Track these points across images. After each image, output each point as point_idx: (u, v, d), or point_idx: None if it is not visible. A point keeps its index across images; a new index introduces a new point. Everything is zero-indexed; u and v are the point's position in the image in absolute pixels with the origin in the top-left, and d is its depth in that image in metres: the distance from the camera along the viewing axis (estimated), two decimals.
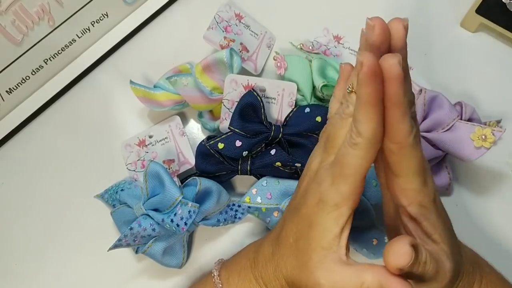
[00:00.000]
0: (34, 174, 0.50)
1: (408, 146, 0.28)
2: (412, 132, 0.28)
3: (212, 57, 0.45)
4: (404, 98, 0.26)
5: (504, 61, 0.52)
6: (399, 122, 0.27)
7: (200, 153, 0.45)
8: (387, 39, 0.27)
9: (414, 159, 0.28)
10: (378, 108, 0.27)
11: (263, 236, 0.46)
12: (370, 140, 0.27)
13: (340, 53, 0.52)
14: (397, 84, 0.26)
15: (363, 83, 0.26)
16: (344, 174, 0.29)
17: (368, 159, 0.28)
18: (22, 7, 0.45)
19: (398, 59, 0.25)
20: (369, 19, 0.27)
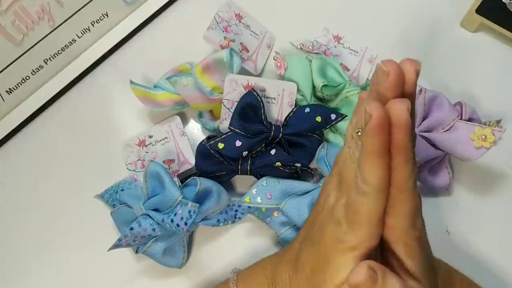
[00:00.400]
0: (34, 174, 0.50)
1: (406, 191, 0.28)
2: (412, 178, 0.27)
3: (212, 57, 0.45)
4: (409, 144, 0.26)
5: (504, 61, 0.52)
6: (402, 167, 0.27)
7: (200, 153, 0.45)
8: (400, 86, 0.26)
9: (409, 203, 0.28)
10: (384, 158, 0.26)
11: (263, 235, 0.46)
12: (377, 188, 0.27)
13: (340, 53, 0.52)
14: (404, 131, 0.25)
15: (370, 134, 0.25)
16: (358, 221, 0.29)
17: (379, 205, 0.28)
18: (22, 7, 0.45)
19: (407, 105, 0.25)
20: (382, 64, 0.26)
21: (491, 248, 0.46)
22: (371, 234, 0.29)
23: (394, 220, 0.29)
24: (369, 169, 0.27)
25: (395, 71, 0.25)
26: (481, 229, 0.46)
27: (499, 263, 0.45)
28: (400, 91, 0.26)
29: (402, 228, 0.29)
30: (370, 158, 0.26)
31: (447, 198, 0.47)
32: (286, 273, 0.35)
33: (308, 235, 0.35)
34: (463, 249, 0.46)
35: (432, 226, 0.46)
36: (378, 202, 0.28)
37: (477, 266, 0.45)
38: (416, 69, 0.26)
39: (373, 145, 0.26)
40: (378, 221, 0.29)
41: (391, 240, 0.30)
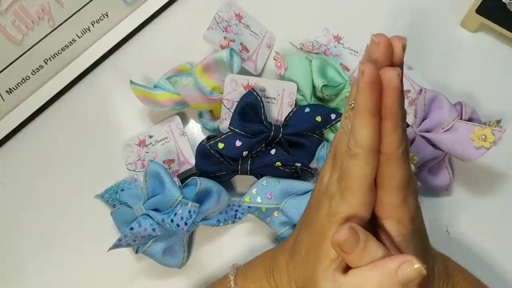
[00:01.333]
0: (34, 174, 0.50)
1: (395, 159, 0.29)
2: (401, 146, 0.28)
3: (212, 57, 0.45)
4: (399, 110, 0.27)
5: (504, 61, 0.52)
6: (390, 133, 0.28)
7: (200, 153, 0.45)
8: (389, 55, 0.28)
9: (399, 173, 0.29)
10: (374, 117, 0.27)
11: (263, 235, 0.46)
12: (368, 148, 0.28)
13: (340, 53, 0.52)
14: (395, 95, 0.27)
15: (362, 91, 0.27)
16: (350, 186, 0.29)
17: (370, 168, 0.29)
18: (22, 7, 0.45)
19: (398, 72, 0.27)
20: (374, 35, 0.28)
21: (491, 248, 0.46)
22: (363, 202, 0.29)
23: (385, 193, 0.30)
24: (360, 128, 0.28)
25: (384, 41, 0.28)
26: (481, 229, 0.46)
27: (499, 263, 0.45)
28: (389, 60, 0.28)
29: (393, 205, 0.30)
30: (362, 116, 0.27)
31: (447, 198, 0.47)
32: (283, 261, 0.35)
33: (304, 220, 0.35)
34: (463, 249, 0.46)
35: (432, 226, 0.47)
36: (368, 164, 0.28)
37: (477, 266, 0.45)
38: (402, 43, 0.29)
39: (365, 101, 0.27)
40: (369, 187, 0.29)
41: (383, 216, 0.30)
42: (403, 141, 0.29)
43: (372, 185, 0.29)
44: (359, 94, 0.27)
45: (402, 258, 0.27)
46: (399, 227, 0.30)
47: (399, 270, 0.27)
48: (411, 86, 0.50)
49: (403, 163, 0.29)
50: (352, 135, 0.28)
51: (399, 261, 0.27)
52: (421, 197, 0.47)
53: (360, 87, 0.27)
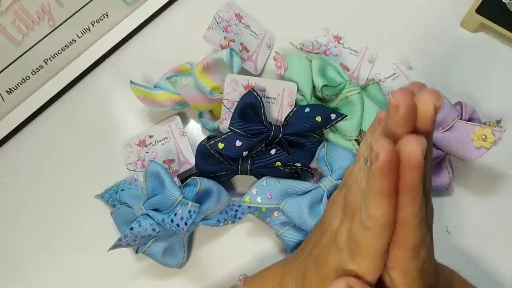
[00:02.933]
0: (34, 174, 0.50)
1: (410, 228, 0.26)
2: (418, 216, 0.26)
3: (212, 57, 0.45)
4: (419, 185, 0.24)
5: (504, 61, 0.52)
6: (408, 206, 0.25)
7: (200, 153, 0.45)
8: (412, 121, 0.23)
9: (413, 239, 0.27)
10: (390, 198, 0.25)
11: (263, 235, 0.46)
12: (381, 225, 0.26)
13: (340, 53, 0.52)
14: (416, 172, 0.23)
15: (377, 175, 0.24)
16: (360, 253, 0.28)
17: (382, 241, 0.27)
18: (22, 7, 0.45)
19: (423, 146, 0.22)
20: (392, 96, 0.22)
21: (491, 248, 0.46)
22: (374, 267, 0.28)
23: (396, 252, 0.28)
24: (374, 208, 0.25)
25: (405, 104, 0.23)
26: (481, 229, 0.46)
27: (499, 263, 0.45)
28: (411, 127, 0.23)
29: (403, 258, 0.28)
30: (376, 198, 0.25)
31: (447, 198, 0.47)
32: (292, 285, 0.35)
33: (312, 253, 0.34)
34: (463, 249, 0.46)
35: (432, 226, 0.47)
36: (382, 239, 0.27)
37: (477, 266, 0.45)
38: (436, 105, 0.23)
39: (379, 185, 0.24)
40: (381, 256, 0.28)
41: (390, 266, 0.29)
42: (421, 210, 0.26)
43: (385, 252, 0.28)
44: (373, 177, 0.24)
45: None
46: (406, 279, 0.29)
47: None
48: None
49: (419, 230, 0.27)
50: (365, 208, 0.26)
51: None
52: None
53: (374, 169, 0.23)
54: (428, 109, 0.23)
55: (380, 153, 0.22)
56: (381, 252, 0.27)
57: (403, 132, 0.23)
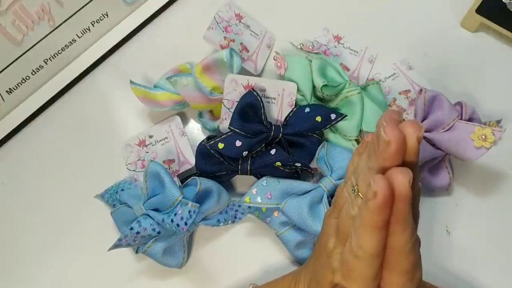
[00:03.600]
0: (34, 174, 0.50)
1: (402, 254, 0.27)
2: (409, 243, 0.27)
3: (212, 57, 0.45)
4: (408, 215, 0.25)
5: (504, 61, 0.52)
6: (398, 234, 0.26)
7: (200, 153, 0.45)
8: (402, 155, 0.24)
9: (405, 263, 0.28)
10: (382, 231, 0.26)
11: (263, 235, 0.46)
12: (372, 255, 0.27)
13: (340, 53, 0.52)
14: (404, 203, 0.24)
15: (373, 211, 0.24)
16: (352, 277, 0.29)
17: (372, 269, 0.28)
18: (22, 7, 0.45)
19: (409, 177, 0.24)
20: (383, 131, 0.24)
21: (491, 248, 0.46)
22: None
23: (391, 275, 0.28)
24: (364, 239, 0.26)
25: (396, 140, 0.24)
26: (481, 229, 0.46)
27: (499, 263, 0.45)
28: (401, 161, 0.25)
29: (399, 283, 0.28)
30: (368, 231, 0.26)
31: (447, 198, 0.47)
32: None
33: (314, 270, 0.35)
34: (463, 249, 0.46)
35: (432, 226, 0.47)
36: (373, 267, 0.27)
37: (477, 266, 0.45)
38: (418, 136, 0.24)
39: (373, 221, 0.25)
40: (373, 280, 0.28)
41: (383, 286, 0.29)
42: (412, 237, 0.27)
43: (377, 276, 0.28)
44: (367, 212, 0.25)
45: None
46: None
47: None
48: (411, 86, 0.50)
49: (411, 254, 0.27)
50: (356, 238, 0.27)
51: None
52: (421, 197, 0.47)
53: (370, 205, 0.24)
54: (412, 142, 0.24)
55: (378, 191, 0.23)
56: (372, 277, 0.28)
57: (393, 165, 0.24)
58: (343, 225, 0.30)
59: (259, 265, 0.46)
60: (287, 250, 0.45)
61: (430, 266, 0.44)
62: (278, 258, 0.46)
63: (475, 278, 0.45)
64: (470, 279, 0.45)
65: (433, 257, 0.46)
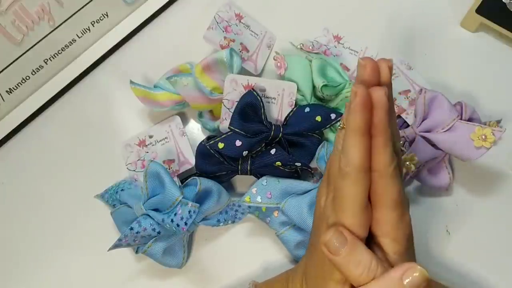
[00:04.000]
0: (34, 174, 0.50)
1: (387, 175, 0.29)
2: (392, 163, 0.29)
3: (212, 57, 0.45)
4: (387, 127, 0.28)
5: (504, 61, 0.52)
6: (381, 150, 0.29)
7: (200, 153, 0.45)
8: (377, 76, 0.30)
9: (392, 190, 0.30)
10: (364, 136, 0.28)
11: (263, 235, 0.47)
12: (359, 167, 0.29)
13: (340, 53, 0.52)
14: (382, 112, 0.28)
15: (354, 111, 0.28)
16: (343, 207, 0.30)
17: (362, 186, 0.29)
18: (22, 7, 0.45)
19: (384, 90, 0.28)
20: (361, 59, 0.30)
21: (491, 248, 0.46)
22: (357, 222, 0.30)
23: (381, 212, 0.30)
24: (351, 147, 0.29)
25: (370, 64, 0.29)
26: (481, 229, 0.46)
27: (499, 263, 0.45)
28: (377, 80, 0.30)
29: (389, 223, 0.30)
30: (353, 136, 0.28)
31: (447, 198, 0.47)
32: (298, 283, 0.36)
33: (310, 245, 0.36)
34: (463, 249, 0.46)
35: (432, 226, 0.47)
36: (360, 183, 0.29)
37: (477, 266, 0.45)
38: (388, 65, 0.30)
39: (356, 121, 0.28)
40: (362, 207, 0.29)
41: (380, 234, 0.31)
42: (394, 158, 0.29)
43: (366, 205, 0.30)
44: (350, 115, 0.28)
45: (404, 266, 0.28)
46: (395, 245, 0.30)
47: (404, 278, 0.27)
48: (411, 86, 0.50)
49: (396, 179, 0.29)
50: (343, 155, 0.29)
51: (402, 269, 0.28)
52: (421, 197, 0.47)
53: (352, 107, 0.28)
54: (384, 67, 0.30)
55: (358, 91, 0.28)
56: (362, 202, 0.29)
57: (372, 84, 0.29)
58: (333, 168, 0.32)
59: (259, 265, 0.46)
60: (287, 250, 0.45)
61: (430, 266, 0.44)
62: (278, 258, 0.46)
63: (475, 278, 0.45)
64: (470, 279, 0.45)
65: (433, 257, 0.46)
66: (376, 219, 0.30)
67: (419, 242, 0.34)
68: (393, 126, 0.30)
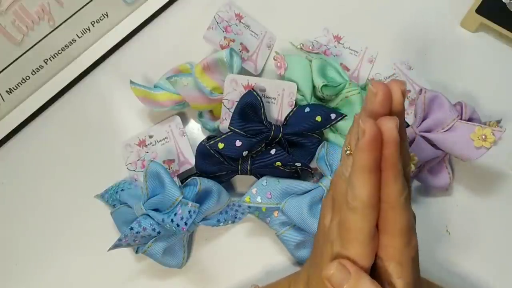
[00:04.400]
0: (34, 174, 0.50)
1: (397, 207, 0.28)
2: (403, 194, 0.28)
3: (212, 57, 0.45)
4: (398, 160, 0.27)
5: (504, 61, 0.52)
6: (391, 183, 0.28)
7: (200, 153, 0.45)
8: (388, 105, 0.28)
9: (402, 220, 0.29)
10: (374, 174, 0.27)
11: (263, 235, 0.46)
12: (367, 204, 0.28)
13: (340, 53, 0.52)
14: (393, 146, 0.26)
15: (363, 150, 0.26)
16: (350, 238, 0.29)
17: (369, 221, 0.28)
18: (22, 7, 0.45)
19: (395, 122, 0.26)
20: (372, 86, 0.27)
21: (491, 248, 0.46)
22: (364, 253, 0.29)
23: (388, 239, 0.29)
24: (358, 184, 0.27)
25: (382, 91, 0.27)
26: (481, 229, 0.46)
27: (500, 263, 0.45)
28: (388, 109, 0.28)
29: (396, 248, 0.29)
30: (361, 173, 0.27)
31: (447, 198, 0.47)
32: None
33: (313, 257, 0.35)
34: (463, 249, 0.46)
35: (432, 226, 0.47)
36: (368, 218, 0.28)
37: (477, 266, 0.45)
38: (401, 89, 0.28)
39: (364, 160, 0.27)
40: (369, 239, 0.29)
41: (385, 258, 0.30)
42: (405, 188, 0.28)
43: (374, 235, 0.29)
44: (358, 152, 0.27)
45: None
46: (401, 269, 0.30)
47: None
48: (411, 86, 0.50)
49: (406, 209, 0.29)
50: (351, 190, 0.28)
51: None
52: (421, 197, 0.47)
53: (360, 145, 0.27)
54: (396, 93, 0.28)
55: (367, 128, 0.26)
56: (369, 235, 0.29)
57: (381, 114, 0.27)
58: (339, 193, 0.31)
59: (259, 265, 0.46)
60: (287, 250, 0.45)
61: (430, 266, 0.44)
62: (278, 258, 0.46)
63: (475, 278, 0.45)
64: (470, 279, 0.45)
65: (433, 257, 0.46)
66: (383, 244, 0.30)
67: (419, 242, 0.34)
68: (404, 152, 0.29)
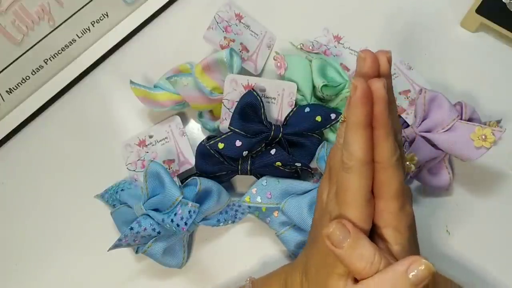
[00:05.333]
0: (34, 174, 0.50)
1: (390, 167, 0.29)
2: (395, 154, 0.29)
3: (212, 57, 0.45)
4: (388, 119, 0.28)
5: (504, 61, 0.52)
6: (383, 141, 0.29)
7: (200, 153, 0.45)
8: (376, 68, 0.30)
9: (395, 181, 0.30)
10: (366, 129, 0.28)
11: (263, 235, 0.47)
12: (362, 160, 0.29)
13: (340, 53, 0.52)
14: (382, 103, 0.28)
15: (354, 105, 0.28)
16: (347, 200, 0.30)
17: (365, 179, 0.29)
18: (22, 7, 0.45)
19: (383, 82, 0.28)
20: (360, 52, 0.30)
21: (491, 248, 0.46)
22: (361, 216, 0.30)
23: (383, 203, 0.30)
24: (352, 140, 0.29)
25: (370, 57, 0.29)
26: (481, 229, 0.46)
27: (500, 263, 0.45)
28: (377, 72, 0.30)
29: (391, 213, 0.30)
30: (354, 129, 0.28)
31: (447, 198, 0.47)
32: (298, 278, 0.36)
33: (310, 238, 0.36)
34: (463, 249, 0.46)
35: (432, 226, 0.47)
36: (363, 176, 0.29)
37: (477, 266, 0.45)
38: (387, 56, 0.30)
39: (357, 115, 0.28)
40: (366, 201, 0.30)
41: (381, 225, 0.31)
42: (396, 149, 0.29)
43: (369, 197, 0.30)
44: (351, 108, 0.28)
45: (409, 259, 0.28)
46: (397, 235, 0.31)
47: (409, 271, 0.27)
48: (411, 86, 0.50)
49: (398, 170, 0.30)
50: (346, 149, 0.29)
51: (407, 263, 0.28)
52: (421, 197, 0.47)
53: (352, 101, 0.28)
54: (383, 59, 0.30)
55: (358, 85, 0.28)
56: (365, 197, 0.29)
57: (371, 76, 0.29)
58: (335, 162, 0.33)
59: (259, 265, 0.46)
60: (287, 250, 0.45)
61: None
62: (278, 258, 0.46)
63: (475, 278, 0.45)
64: (470, 279, 0.45)
65: (433, 257, 0.45)
66: (378, 210, 0.30)
67: (419, 242, 0.34)
68: (394, 118, 0.30)
